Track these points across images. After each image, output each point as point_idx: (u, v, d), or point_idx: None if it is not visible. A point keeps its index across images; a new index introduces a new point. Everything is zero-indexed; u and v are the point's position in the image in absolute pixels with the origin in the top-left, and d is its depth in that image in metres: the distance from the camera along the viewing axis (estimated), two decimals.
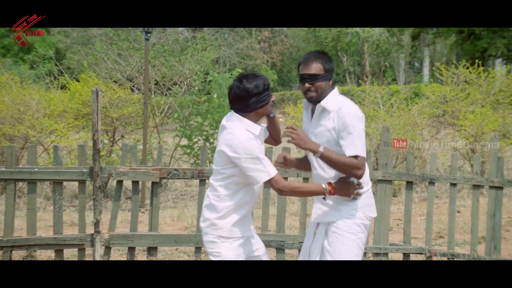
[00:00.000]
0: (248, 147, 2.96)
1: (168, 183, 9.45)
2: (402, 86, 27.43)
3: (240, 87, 3.06)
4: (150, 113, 9.38)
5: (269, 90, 3.12)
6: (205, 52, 9.76)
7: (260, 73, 3.14)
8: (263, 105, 3.09)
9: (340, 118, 3.00)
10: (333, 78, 3.15)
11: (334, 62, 3.17)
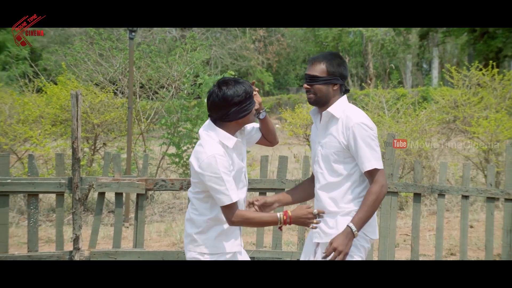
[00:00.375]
0: (213, 164, 2.94)
1: (154, 195, 9.43)
2: (409, 89, 27.57)
3: (219, 95, 3.04)
4: (135, 118, 9.37)
5: (252, 98, 3.10)
6: (194, 53, 9.78)
7: (242, 79, 3.12)
8: (245, 115, 3.08)
9: (349, 129, 3.02)
10: (340, 83, 3.15)
11: (345, 68, 3.17)
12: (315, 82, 3.12)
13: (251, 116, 3.12)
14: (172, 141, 9.39)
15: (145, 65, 9.84)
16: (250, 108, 3.09)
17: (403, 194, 8.80)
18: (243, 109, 3.07)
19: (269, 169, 7.67)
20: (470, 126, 9.69)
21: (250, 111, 3.09)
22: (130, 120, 7.93)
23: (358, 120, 3.03)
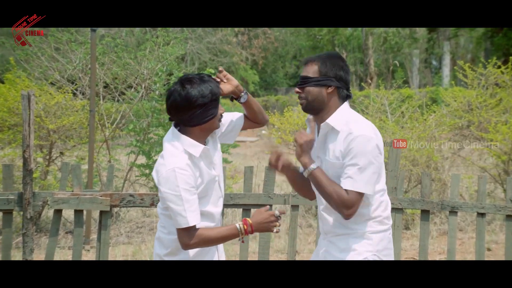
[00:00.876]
0: (171, 179, 2.97)
1: (120, 213, 9.39)
2: (416, 90, 27.75)
3: (182, 94, 3.05)
4: (98, 123, 9.34)
5: (218, 101, 3.12)
6: (168, 47, 9.78)
7: (209, 77, 3.13)
8: (209, 119, 3.10)
9: (348, 142, 3.01)
10: (336, 85, 3.14)
11: (343, 69, 3.17)
12: (306, 83, 3.14)
13: (216, 121, 3.14)
14: (141, 150, 9.36)
15: (110, 62, 9.82)
16: (215, 112, 3.11)
17: (409, 211, 8.84)
18: (208, 113, 3.08)
19: (254, 181, 7.68)
20: (486, 132, 9.75)
21: (215, 115, 3.11)
22: (92, 125, 7.90)
23: (360, 132, 3.01)
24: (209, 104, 3.06)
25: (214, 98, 3.08)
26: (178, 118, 3.09)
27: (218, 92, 3.11)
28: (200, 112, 3.05)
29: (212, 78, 3.14)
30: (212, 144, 3.25)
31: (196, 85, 3.05)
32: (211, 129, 3.16)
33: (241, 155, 17.72)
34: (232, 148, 8.94)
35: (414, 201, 5.48)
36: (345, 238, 3.13)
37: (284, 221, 8.69)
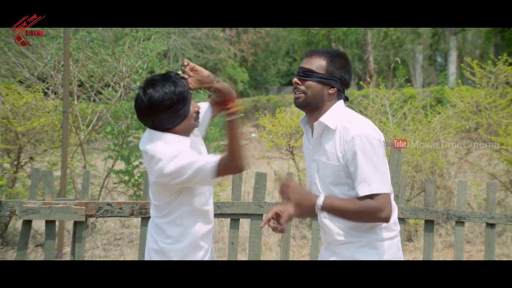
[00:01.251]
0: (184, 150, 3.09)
1: (97, 223, 9.37)
2: (419, 89, 27.84)
3: (144, 100, 3.12)
4: (72, 126, 9.32)
5: (187, 99, 3.16)
6: (148, 43, 9.76)
7: (174, 76, 3.17)
8: (181, 121, 3.16)
9: (347, 143, 3.04)
10: (338, 88, 3.19)
11: (348, 72, 3.22)
12: (309, 77, 3.16)
13: (189, 120, 3.19)
14: (120, 155, 9.35)
15: (85, 58, 9.80)
16: (185, 112, 3.16)
17: (411, 221, 8.86)
18: (178, 114, 3.14)
19: (243, 189, 7.69)
20: (496, 135, 9.77)
21: (186, 115, 3.16)
22: (66, 128, 7.88)
23: (358, 130, 3.03)
24: (176, 105, 3.12)
25: (180, 98, 3.12)
26: (148, 124, 3.17)
27: (185, 90, 3.14)
28: (169, 115, 3.12)
29: (179, 75, 3.18)
30: (195, 137, 3.32)
31: (159, 87, 3.11)
32: (188, 130, 3.22)
33: None
34: (220, 152, 8.93)
35: (417, 211, 5.50)
36: (349, 247, 3.15)
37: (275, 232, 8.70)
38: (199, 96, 8.89)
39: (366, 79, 26.55)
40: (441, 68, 43.55)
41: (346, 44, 36.38)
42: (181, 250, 3.17)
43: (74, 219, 5.03)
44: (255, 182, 5.45)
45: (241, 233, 8.37)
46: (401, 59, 34.29)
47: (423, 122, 9.64)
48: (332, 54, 3.19)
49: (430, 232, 5.54)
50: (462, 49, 36.38)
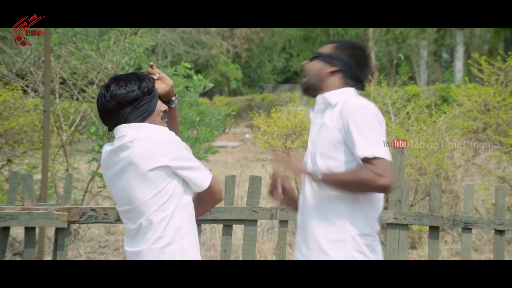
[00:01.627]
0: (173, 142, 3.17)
1: (80, 230, 9.36)
2: (424, 87, 27.88)
3: (107, 96, 3.18)
4: (54, 126, 9.31)
5: (154, 95, 3.23)
6: (135, 38, 9.76)
7: (140, 73, 3.25)
8: (145, 117, 3.20)
9: (345, 112, 3.11)
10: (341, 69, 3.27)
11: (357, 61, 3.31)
12: (315, 58, 3.31)
13: (155, 118, 3.24)
14: None
15: (68, 54, 9.79)
16: (151, 107, 3.21)
17: (415, 227, 8.88)
18: (142, 109, 3.19)
19: (236, 193, 7.67)
20: (506, 136, 9.79)
21: (151, 111, 3.21)
22: (47, 128, 7.87)
23: (359, 103, 3.13)
24: (140, 100, 3.18)
25: (146, 92, 3.19)
26: (112, 124, 3.22)
27: (151, 86, 3.22)
28: (132, 109, 3.17)
29: (145, 74, 3.26)
30: None
31: (123, 82, 3.18)
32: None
33: (222, 162, 17.72)
34: (212, 154, 8.94)
35: (422, 216, 5.51)
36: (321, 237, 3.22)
37: (271, 239, 8.71)
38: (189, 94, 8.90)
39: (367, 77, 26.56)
40: (447, 64, 43.66)
41: (346, 38, 36.48)
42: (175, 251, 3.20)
43: (56, 225, 5.02)
44: (249, 186, 5.45)
45: (234, 240, 8.37)
46: (404, 55, 34.33)
47: (428, 122, 9.65)
48: (344, 42, 3.34)
49: (435, 239, 5.55)
50: (469, 44, 36.45)
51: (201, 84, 8.70)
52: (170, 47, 30.07)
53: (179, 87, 8.52)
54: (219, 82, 38.09)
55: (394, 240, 5.41)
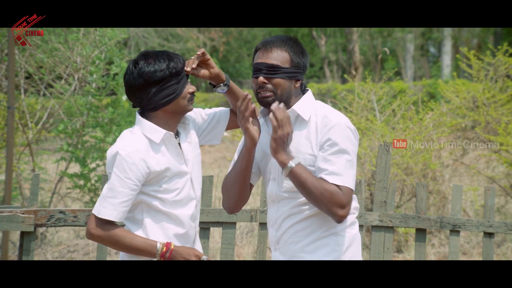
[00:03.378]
0: (110, 161, 3.23)
1: (47, 234, 9.31)
2: (410, 83, 28.00)
3: (134, 72, 3.22)
4: (19, 123, 9.25)
5: (183, 77, 3.26)
6: (107, 30, 9.71)
7: (173, 53, 3.28)
8: (170, 99, 3.23)
9: (326, 132, 3.12)
10: (302, 80, 3.28)
11: (307, 58, 3.30)
12: (276, 74, 3.19)
13: (181, 101, 3.26)
14: (74, 156, 9.28)
15: (33, 46, 9.73)
16: (178, 90, 3.24)
17: (401, 230, 8.91)
18: (169, 90, 3.22)
19: (214, 194, 7.66)
20: (495, 134, 9.82)
21: (177, 93, 3.23)
22: (11, 126, 7.82)
23: (339, 119, 3.15)
24: (168, 80, 3.21)
25: (174, 72, 3.21)
26: (136, 101, 3.26)
27: (181, 67, 3.24)
28: (158, 90, 3.20)
29: (176, 54, 3.28)
30: (184, 137, 3.39)
31: (152, 59, 3.21)
32: (178, 112, 3.30)
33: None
34: None
35: (408, 218, 5.52)
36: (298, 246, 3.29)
37: (251, 242, 8.71)
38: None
39: (351, 72, 26.76)
40: (434, 59, 43.87)
41: (328, 32, 36.51)
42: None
43: (21, 229, 4.99)
44: None
45: (211, 243, 8.37)
46: (390, 50, 34.46)
47: (414, 120, 9.67)
48: (290, 43, 3.26)
49: (421, 242, 5.57)
50: (457, 38, 36.64)
51: None
52: (143, 40, 29.95)
53: None
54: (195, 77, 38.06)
55: (379, 243, 5.43)
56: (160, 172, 3.25)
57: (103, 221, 3.19)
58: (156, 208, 3.28)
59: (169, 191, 3.29)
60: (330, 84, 27.77)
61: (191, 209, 3.39)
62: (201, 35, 34.11)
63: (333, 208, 3.07)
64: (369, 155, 8.82)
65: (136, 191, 3.22)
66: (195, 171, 3.43)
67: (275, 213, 3.35)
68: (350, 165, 3.11)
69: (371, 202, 8.23)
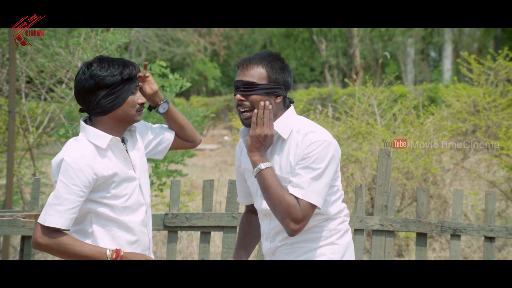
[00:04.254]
0: (55, 169, 3.22)
1: None
2: (411, 87, 27.99)
3: (86, 74, 3.19)
4: (20, 127, 9.25)
5: (132, 83, 3.24)
6: (107, 34, 9.72)
7: (129, 61, 3.25)
8: (118, 104, 3.20)
9: (304, 149, 3.14)
10: (284, 95, 3.27)
11: (289, 74, 3.29)
12: (252, 91, 3.21)
13: (130, 108, 3.24)
14: None
15: (34, 51, 9.73)
16: (126, 96, 3.21)
17: (402, 234, 8.90)
18: (117, 95, 3.19)
19: (215, 198, 7.66)
20: (496, 139, 9.82)
21: (126, 100, 3.21)
22: (12, 130, 7.81)
23: (321, 136, 3.16)
24: (118, 86, 3.18)
25: (126, 78, 3.19)
26: (84, 104, 3.23)
27: (134, 74, 3.22)
28: (107, 93, 3.16)
29: (132, 62, 3.26)
30: (131, 144, 3.37)
31: (106, 64, 3.19)
32: (125, 121, 3.28)
33: (199, 166, 17.67)
34: (188, 157, 8.90)
35: (408, 222, 5.52)
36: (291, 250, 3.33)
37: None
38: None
39: (352, 76, 26.78)
40: (435, 63, 43.85)
41: (329, 36, 36.49)
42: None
43: (22, 233, 4.99)
44: (228, 191, 5.44)
45: (212, 248, 8.35)
46: (391, 54, 34.43)
47: (415, 124, 9.67)
48: (268, 58, 3.26)
49: (422, 246, 5.57)
50: (458, 42, 36.63)
51: (178, 83, 8.64)
52: (144, 45, 29.97)
53: None
54: (196, 81, 38.05)
55: (380, 247, 5.42)
56: (108, 177, 3.22)
57: (49, 229, 3.14)
58: (105, 216, 3.25)
59: (117, 196, 3.26)
60: (330, 89, 27.78)
61: (141, 215, 3.36)
62: (201, 39, 34.10)
63: (286, 220, 3.08)
64: (369, 159, 8.82)
65: (83, 197, 3.18)
66: (143, 177, 3.40)
67: (268, 225, 3.37)
68: (317, 180, 3.10)
69: (372, 206, 8.23)
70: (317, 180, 3.09)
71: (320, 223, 3.26)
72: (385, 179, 5.45)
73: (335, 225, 3.30)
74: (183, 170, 10.92)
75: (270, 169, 3.13)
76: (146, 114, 7.99)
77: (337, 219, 3.31)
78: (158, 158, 3.62)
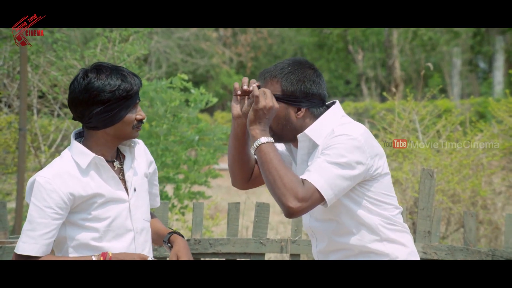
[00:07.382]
0: (28, 190, 3.16)
1: None
2: (457, 101, 27.85)
3: (81, 84, 3.15)
4: (31, 146, 9.33)
5: (130, 101, 3.18)
6: (126, 45, 9.77)
7: (131, 72, 3.21)
8: (111, 122, 3.16)
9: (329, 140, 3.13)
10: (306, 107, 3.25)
11: (313, 83, 3.27)
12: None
13: (125, 127, 3.19)
14: None
15: (47, 64, 9.82)
16: (123, 115, 3.16)
17: None
18: (112, 113, 3.14)
19: (241, 223, 7.66)
20: None
21: (122, 118, 3.16)
22: (23, 149, 7.89)
23: (345, 131, 3.13)
24: (114, 102, 3.12)
25: (124, 95, 3.13)
26: (77, 115, 3.22)
27: (132, 89, 3.16)
28: (101, 110, 3.12)
29: (133, 73, 3.21)
30: (129, 162, 3.32)
31: (104, 75, 3.13)
32: (121, 138, 3.24)
33: (224, 187, 17.63)
34: (213, 178, 8.89)
35: (455, 250, 5.49)
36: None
37: None
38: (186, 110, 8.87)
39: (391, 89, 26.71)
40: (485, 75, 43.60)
41: (366, 46, 36.46)
42: None
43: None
44: (255, 214, 5.45)
45: None
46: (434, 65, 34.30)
47: (462, 142, 9.62)
48: (286, 69, 3.26)
49: None
50: (511, 52, 36.42)
51: (203, 98, 8.61)
52: (165, 56, 30.14)
53: (174, 102, 8.45)
54: (220, 95, 38.13)
55: None
56: (88, 197, 3.15)
57: (24, 257, 3.10)
58: (85, 243, 3.17)
59: (99, 219, 3.18)
60: (367, 103, 27.71)
61: (126, 242, 3.27)
62: (227, 50, 34.24)
63: (285, 196, 2.98)
64: (411, 180, 8.78)
65: (60, 220, 3.11)
66: (139, 200, 3.33)
67: (315, 248, 3.36)
68: (327, 168, 3.04)
69: (414, 232, 8.18)
70: (330, 170, 3.04)
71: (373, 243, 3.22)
72: (428, 202, 5.42)
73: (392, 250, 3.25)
74: (207, 192, 10.94)
75: (272, 144, 3.09)
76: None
77: (395, 244, 3.25)
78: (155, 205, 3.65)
